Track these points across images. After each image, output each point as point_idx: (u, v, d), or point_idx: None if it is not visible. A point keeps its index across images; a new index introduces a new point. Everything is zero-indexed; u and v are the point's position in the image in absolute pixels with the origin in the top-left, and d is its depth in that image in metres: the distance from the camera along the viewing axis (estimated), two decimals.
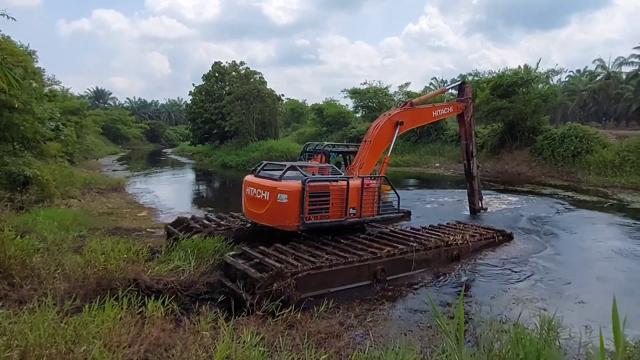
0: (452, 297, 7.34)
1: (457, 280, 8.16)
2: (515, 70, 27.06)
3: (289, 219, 7.71)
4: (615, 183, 18.99)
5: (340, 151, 11.22)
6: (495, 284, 7.94)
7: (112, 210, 14.66)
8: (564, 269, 8.85)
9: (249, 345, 4.25)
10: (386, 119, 10.06)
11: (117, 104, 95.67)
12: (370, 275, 7.62)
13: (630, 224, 12.79)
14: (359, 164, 9.44)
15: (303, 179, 7.69)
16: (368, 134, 9.93)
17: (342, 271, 7.26)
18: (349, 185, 8.17)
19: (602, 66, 49.50)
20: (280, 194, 7.64)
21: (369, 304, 6.90)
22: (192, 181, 28.99)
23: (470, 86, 12.97)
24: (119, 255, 6.59)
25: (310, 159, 11.22)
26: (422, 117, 11.37)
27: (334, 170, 8.93)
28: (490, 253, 9.72)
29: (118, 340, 4.21)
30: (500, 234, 10.46)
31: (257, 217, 8.31)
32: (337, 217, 8.19)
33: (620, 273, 8.68)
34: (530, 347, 4.09)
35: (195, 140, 43.73)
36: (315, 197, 7.84)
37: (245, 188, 8.67)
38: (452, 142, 31.34)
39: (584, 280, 8.37)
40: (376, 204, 8.87)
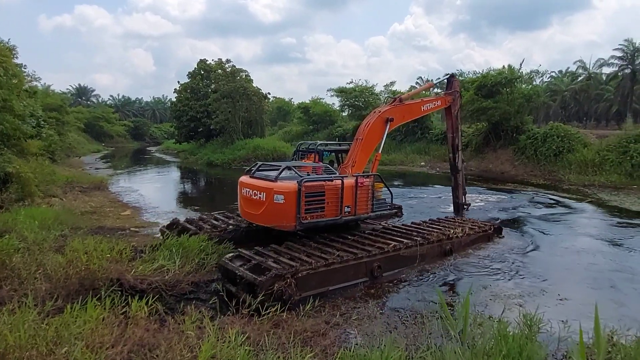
0: (435, 294, 7.42)
1: (443, 277, 8.25)
2: (499, 71, 27.42)
3: (286, 219, 7.77)
4: (596, 182, 19.38)
5: (332, 150, 11.24)
6: (479, 281, 8.04)
7: (94, 209, 14.42)
8: (544, 265, 9.02)
9: (235, 345, 4.24)
10: (376, 116, 10.09)
11: (100, 101, 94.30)
12: (367, 272, 7.80)
13: (608, 222, 13.07)
14: (351, 162, 9.52)
15: (299, 180, 7.76)
16: (359, 131, 9.97)
17: (340, 269, 7.39)
18: (344, 184, 8.29)
19: (583, 67, 50.57)
20: (276, 195, 7.71)
21: (355, 302, 6.93)
22: (177, 179, 28.70)
23: (458, 80, 12.97)
24: (101, 254, 6.50)
25: (303, 158, 11.23)
26: (411, 112, 11.42)
27: (328, 170, 9.03)
28: (477, 249, 9.88)
29: (101, 340, 4.15)
30: (492, 226, 10.85)
31: (254, 217, 8.37)
32: (333, 215, 8.30)
33: (598, 268, 8.88)
34: (512, 343, 4.18)
35: (181, 138, 43.27)
36: (311, 196, 7.92)
37: (241, 189, 8.67)
38: (438, 141, 31.64)
39: (564, 276, 8.54)
40: (370, 201, 9.02)
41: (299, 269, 6.77)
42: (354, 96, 39.97)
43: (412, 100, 11.38)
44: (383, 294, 7.42)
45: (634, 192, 17.22)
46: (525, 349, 4.09)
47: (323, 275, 7.14)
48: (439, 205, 15.70)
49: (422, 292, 7.50)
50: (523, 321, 4.89)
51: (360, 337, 5.48)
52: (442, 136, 31.45)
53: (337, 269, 7.35)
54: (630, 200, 15.90)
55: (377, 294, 7.40)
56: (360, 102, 39.79)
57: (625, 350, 4.37)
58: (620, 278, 8.36)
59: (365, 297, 7.19)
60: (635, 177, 18.66)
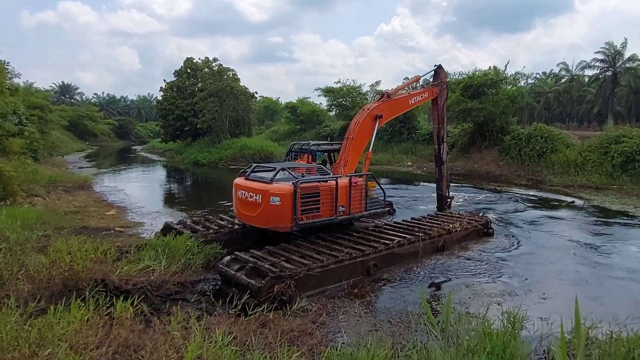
0: (421, 292, 7.50)
1: (429, 275, 8.33)
2: (485, 72, 27.77)
3: (282, 220, 7.91)
4: (577, 182, 19.75)
5: (325, 149, 11.28)
6: (463, 279, 8.15)
7: (78, 208, 14.21)
8: (527, 263, 9.17)
9: (221, 345, 4.23)
10: (365, 114, 10.15)
11: (84, 99, 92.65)
12: (363, 270, 8.02)
13: (588, 221, 13.33)
14: (343, 161, 9.65)
15: (294, 181, 7.89)
16: (349, 130, 10.03)
17: (337, 269, 7.58)
18: (338, 184, 8.48)
19: (566, 69, 51.43)
20: (272, 197, 7.81)
21: (341, 302, 6.97)
22: (163, 179, 28.42)
23: (445, 71, 12.93)
24: (85, 255, 6.42)
25: (296, 159, 11.27)
26: (399, 107, 11.48)
27: (322, 170, 9.18)
28: (463, 248, 10.02)
29: (85, 342, 4.11)
30: (483, 221, 11.17)
31: (250, 219, 8.45)
32: (328, 215, 8.47)
33: (578, 266, 9.07)
34: (496, 340, 4.25)
35: (167, 137, 42.80)
36: (307, 197, 8.07)
37: (236, 191, 8.74)
38: (424, 141, 31.87)
39: (547, 274, 8.68)
40: (364, 200, 9.21)
41: (297, 271, 6.87)
42: (342, 96, 40.06)
43: (399, 95, 11.40)
44: (369, 293, 7.47)
45: (613, 193, 17.59)
46: (509, 346, 4.17)
47: (322, 275, 7.30)
48: (418, 203, 15.83)
49: (408, 290, 7.57)
50: (506, 319, 4.98)
51: (347, 336, 5.51)
52: (428, 136, 31.69)
53: (334, 269, 7.52)
54: (610, 200, 16.24)
55: (362, 293, 7.45)
56: (348, 101, 39.87)
57: (601, 346, 4.48)
58: (599, 275, 8.59)
59: (351, 297, 7.23)
60: (616, 177, 19.06)
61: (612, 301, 7.27)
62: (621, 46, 41.68)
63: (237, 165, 31.60)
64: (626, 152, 19.33)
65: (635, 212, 14.06)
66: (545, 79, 58.04)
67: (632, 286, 8.08)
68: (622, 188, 17.95)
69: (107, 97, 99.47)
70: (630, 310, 6.28)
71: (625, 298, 7.53)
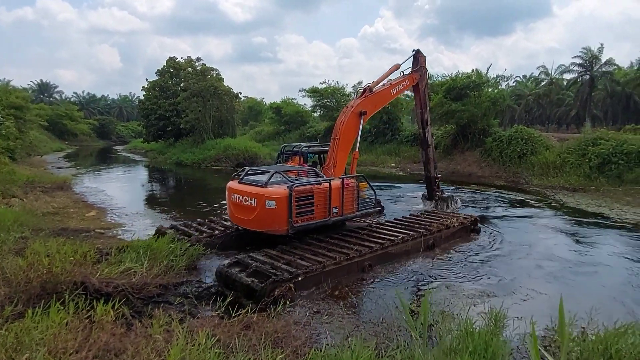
0: (404, 293, 7.57)
1: (411, 276, 8.40)
2: (468, 74, 28.15)
3: (278, 223, 8.04)
4: (556, 184, 20.15)
5: (316, 151, 11.32)
6: (444, 279, 8.25)
7: (57, 210, 13.90)
8: (507, 263, 9.34)
9: (204, 348, 4.19)
10: (349, 112, 10.17)
11: (63, 98, 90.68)
12: (358, 269, 8.27)
13: (566, 221, 13.62)
14: (332, 162, 9.80)
15: (289, 185, 8.02)
16: (335, 131, 10.07)
17: (336, 270, 7.81)
18: (331, 186, 8.71)
19: (546, 73, 52.53)
20: (268, 201, 7.94)
21: (325, 302, 6.97)
22: (145, 179, 28.03)
23: (424, 55, 12.81)
24: (65, 257, 6.29)
25: (287, 161, 11.30)
26: (382, 100, 11.54)
27: (314, 173, 9.37)
28: (447, 249, 10.12)
29: (64, 346, 4.02)
30: (471, 219, 11.49)
31: (246, 223, 8.54)
32: (322, 217, 8.68)
33: (556, 265, 9.27)
34: (478, 339, 4.31)
35: (149, 137, 42.19)
36: (301, 200, 8.23)
37: (230, 195, 8.80)
38: (408, 143, 32.13)
39: (527, 273, 8.83)
40: (356, 201, 9.48)
41: (296, 274, 7.03)
42: (326, 97, 40.10)
43: (381, 87, 11.38)
44: (351, 295, 7.48)
45: (589, 194, 18.00)
46: (491, 345, 4.23)
47: (320, 276, 7.52)
48: (398, 202, 15.97)
49: (391, 291, 7.61)
50: (488, 318, 5.06)
51: (331, 337, 5.52)
52: (412, 137, 31.99)
53: (332, 270, 7.73)
54: (586, 201, 16.62)
55: (345, 295, 7.45)
56: (332, 102, 39.95)
57: (581, 344, 4.58)
58: (574, 272, 8.85)
59: (335, 298, 7.24)
60: (593, 178, 19.52)
61: (588, 298, 7.44)
62: (598, 51, 42.80)
63: (220, 165, 31.36)
64: (603, 154, 19.82)
65: (610, 213, 14.41)
66: (526, 82, 59.18)
67: (605, 283, 8.33)
68: (598, 189, 18.39)
69: (87, 96, 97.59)
70: (606, 307, 6.45)
71: (599, 295, 7.71)
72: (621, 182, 18.55)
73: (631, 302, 7.32)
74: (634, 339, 4.47)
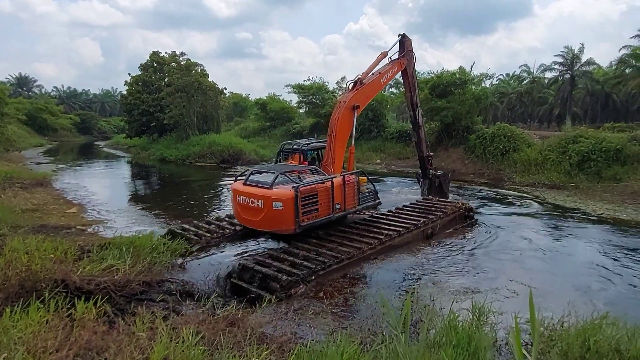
0: (389, 289, 7.62)
1: (395, 271, 8.47)
2: (453, 72, 28.38)
3: (285, 223, 8.30)
4: (538, 181, 20.49)
5: (315, 148, 11.42)
6: (430, 275, 8.34)
7: (37, 206, 13.61)
8: (492, 258, 9.51)
9: (189, 345, 4.15)
10: (343, 108, 10.26)
11: (43, 93, 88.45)
12: (363, 260, 8.73)
13: (545, 216, 13.93)
14: (330, 159, 10.03)
15: (295, 186, 8.27)
16: (331, 127, 10.19)
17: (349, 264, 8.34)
18: (334, 184, 9.01)
19: (528, 71, 53.27)
20: (275, 202, 8.18)
21: (309, 299, 6.97)
22: (127, 176, 27.62)
23: (409, 38, 12.85)
24: (44, 254, 6.17)
25: (287, 159, 11.38)
26: (373, 90, 11.66)
27: (316, 171, 9.69)
28: (436, 243, 10.29)
29: (44, 345, 3.94)
30: (465, 207, 12.21)
31: (253, 223, 8.77)
32: (326, 214, 8.97)
33: (535, 260, 9.51)
34: (462, 333, 4.36)
35: (132, 132, 41.55)
36: (306, 199, 8.48)
37: (236, 197, 8.98)
38: (393, 139, 32.27)
39: (511, 267, 9.02)
40: (357, 196, 9.87)
41: (308, 273, 7.51)
42: (312, 93, 40.02)
43: (371, 78, 11.40)
44: (338, 290, 7.50)
45: (569, 191, 18.37)
46: (474, 338, 4.28)
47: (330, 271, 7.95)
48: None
49: (377, 286, 7.66)
50: (472, 312, 5.12)
51: (316, 333, 5.52)
52: (397, 134, 32.16)
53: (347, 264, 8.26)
54: (565, 197, 16.96)
55: (331, 290, 7.47)
56: (318, 99, 39.88)
57: (561, 336, 4.68)
58: (553, 267, 9.08)
59: (320, 294, 7.25)
60: (573, 175, 19.89)
61: (565, 291, 7.63)
62: (579, 50, 43.58)
63: (205, 162, 31.06)
64: (582, 152, 20.21)
65: (586, 209, 14.80)
66: (509, 80, 59.94)
67: (580, 275, 8.60)
68: (578, 186, 18.77)
69: (68, 91, 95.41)
70: (582, 299, 6.60)
71: (576, 288, 7.91)
72: (600, 178, 18.95)
73: (599, 292, 7.53)
74: (611, 330, 4.58)
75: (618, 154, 19.29)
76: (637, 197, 16.00)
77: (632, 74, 35.61)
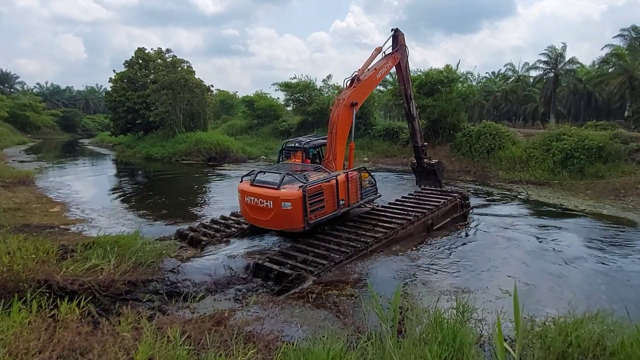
0: (376, 286, 7.66)
1: (386, 269, 8.53)
2: (440, 70, 28.58)
3: (295, 222, 8.68)
4: (522, 178, 20.78)
5: (316, 145, 11.57)
6: (416, 273, 8.41)
7: (19, 205, 13.36)
8: (477, 254, 9.66)
9: (174, 344, 4.12)
10: (342, 106, 10.43)
11: (25, 89, 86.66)
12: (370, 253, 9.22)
13: (528, 212, 14.21)
14: (332, 156, 10.28)
15: (302, 185, 8.63)
16: (331, 125, 10.39)
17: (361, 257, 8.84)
18: (338, 181, 9.43)
19: (513, 70, 53.90)
20: (284, 202, 8.53)
21: (296, 302, 6.96)
22: (112, 174, 27.21)
23: (402, 33, 13.09)
24: (26, 254, 6.06)
25: (289, 157, 11.55)
26: (370, 86, 12.07)
27: (321, 169, 9.98)
28: (421, 241, 10.38)
29: (26, 346, 3.88)
30: (461, 195, 12.91)
31: (262, 223, 9.14)
32: (332, 210, 9.39)
33: (522, 257, 9.63)
34: (447, 329, 4.42)
35: (117, 130, 40.93)
36: (313, 197, 8.84)
37: (243, 197, 9.31)
38: (380, 137, 32.40)
39: (496, 263, 9.15)
40: (359, 191, 10.38)
41: (321, 269, 8.00)
42: (299, 91, 39.92)
43: (367, 74, 11.55)
44: (324, 288, 7.52)
45: (552, 187, 18.67)
46: (459, 335, 4.34)
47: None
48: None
49: (366, 285, 7.69)
50: (457, 309, 5.19)
51: (303, 331, 5.53)
52: (384, 132, 32.29)
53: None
54: (548, 194, 17.26)
55: (317, 288, 7.48)
56: (305, 97, 39.80)
57: (543, 332, 4.76)
58: (533, 263, 9.23)
59: (303, 299, 7.22)
60: (557, 172, 20.22)
61: (548, 286, 7.77)
62: (562, 49, 44.23)
63: (191, 160, 30.79)
64: (566, 150, 20.56)
65: (569, 205, 15.13)
66: (494, 78, 60.57)
67: (562, 270, 8.77)
68: (561, 183, 19.09)
69: (51, 87, 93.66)
70: (565, 295, 6.72)
71: (558, 284, 8.06)
72: (582, 176, 19.29)
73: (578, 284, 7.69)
74: (593, 325, 4.68)
75: (600, 152, 19.68)
76: (618, 193, 16.34)
77: (614, 73, 36.25)
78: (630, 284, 8.21)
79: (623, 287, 8.06)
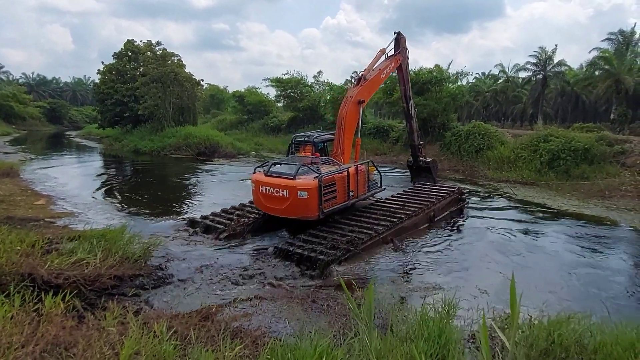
0: (363, 281, 7.70)
1: (372, 264, 8.57)
2: (430, 70, 28.71)
3: (310, 211, 9.14)
4: (510, 178, 21.02)
5: (325, 139, 12.02)
6: (403, 268, 8.46)
7: (3, 197, 13.12)
8: (464, 252, 9.75)
9: (161, 340, 4.10)
10: (350, 103, 10.98)
11: (10, 79, 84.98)
12: (382, 242, 9.69)
13: (514, 211, 14.40)
14: (340, 150, 10.84)
15: (317, 176, 9.06)
16: (340, 120, 10.96)
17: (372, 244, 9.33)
18: (349, 173, 10.03)
19: (503, 70, 54.32)
20: (300, 192, 8.97)
21: (284, 298, 6.97)
22: (99, 167, 26.84)
23: (404, 36, 13.81)
24: (10, 247, 5.98)
25: (298, 151, 12.02)
26: (375, 85, 12.64)
27: (332, 162, 10.45)
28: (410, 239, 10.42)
29: (9, 341, 3.82)
30: (458, 190, 13.71)
31: (277, 211, 9.52)
32: (342, 200, 9.94)
33: (508, 255, 9.76)
34: (433, 326, 4.46)
35: (104, 123, 40.43)
36: (327, 188, 9.29)
37: (258, 187, 9.72)
38: (371, 135, 32.47)
39: (483, 260, 9.27)
40: (367, 183, 11.06)
41: (336, 256, 8.37)
42: (290, 87, 39.81)
43: (373, 74, 12.18)
44: (311, 284, 7.54)
45: (539, 187, 18.93)
46: (445, 331, 4.39)
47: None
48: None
49: (350, 280, 7.72)
50: (442, 306, 5.24)
51: (290, 327, 5.54)
52: (374, 130, 32.38)
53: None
54: (535, 194, 17.51)
55: (306, 285, 7.50)
56: (296, 93, 39.70)
57: (526, 330, 4.84)
58: (519, 259, 9.36)
59: (294, 289, 7.26)
60: (543, 173, 20.49)
61: (533, 285, 7.88)
62: (551, 51, 44.69)
63: (180, 154, 30.53)
64: (553, 151, 20.83)
65: (552, 204, 15.40)
66: (484, 79, 61.00)
67: (547, 269, 8.90)
68: (548, 183, 19.35)
69: (37, 78, 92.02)
70: (551, 294, 6.82)
71: (545, 281, 8.19)
72: (568, 176, 19.58)
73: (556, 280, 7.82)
74: (574, 325, 4.77)
75: (586, 154, 19.97)
76: (603, 194, 16.63)
77: (601, 77, 36.75)
78: (613, 279, 8.43)
79: (604, 282, 8.29)
